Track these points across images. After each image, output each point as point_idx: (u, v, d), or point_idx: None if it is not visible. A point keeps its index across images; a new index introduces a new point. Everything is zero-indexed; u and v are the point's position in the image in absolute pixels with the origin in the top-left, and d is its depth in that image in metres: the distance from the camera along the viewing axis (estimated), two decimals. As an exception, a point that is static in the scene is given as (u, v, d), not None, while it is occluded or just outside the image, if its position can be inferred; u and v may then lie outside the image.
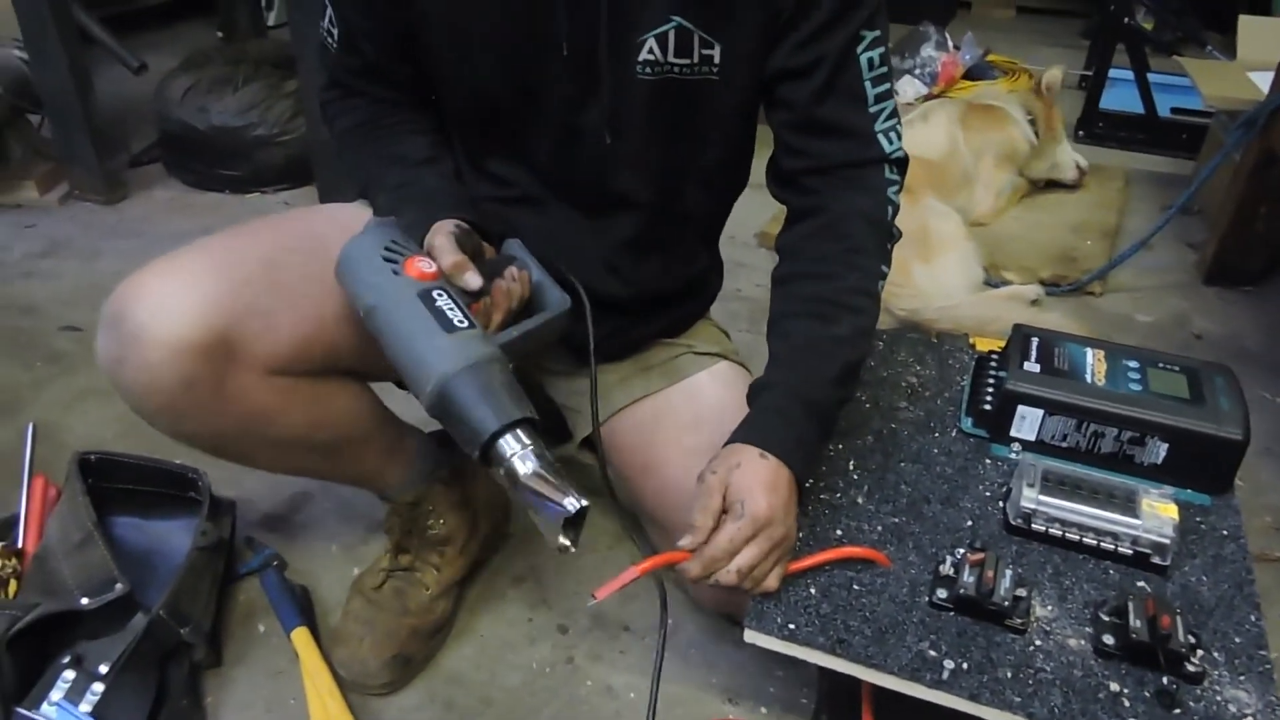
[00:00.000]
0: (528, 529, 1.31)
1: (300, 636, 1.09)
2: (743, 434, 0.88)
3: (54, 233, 2.16)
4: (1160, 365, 1.02)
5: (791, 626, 0.82)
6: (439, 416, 0.77)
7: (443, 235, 0.85)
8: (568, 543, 0.75)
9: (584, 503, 0.73)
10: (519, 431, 0.75)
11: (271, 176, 2.40)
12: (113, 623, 1.01)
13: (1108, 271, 2.04)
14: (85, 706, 0.95)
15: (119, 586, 1.00)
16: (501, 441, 0.74)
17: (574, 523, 0.74)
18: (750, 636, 0.83)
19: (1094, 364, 1.02)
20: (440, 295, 0.80)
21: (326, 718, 1.00)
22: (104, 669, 0.98)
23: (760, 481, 0.83)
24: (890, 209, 0.96)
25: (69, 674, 0.98)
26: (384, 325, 0.79)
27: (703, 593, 1.13)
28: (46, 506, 1.16)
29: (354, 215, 0.99)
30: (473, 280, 0.83)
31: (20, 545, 1.11)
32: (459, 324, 0.78)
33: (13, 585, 1.06)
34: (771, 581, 0.84)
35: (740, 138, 1.03)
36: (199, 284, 0.84)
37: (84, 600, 0.99)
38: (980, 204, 2.31)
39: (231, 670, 1.09)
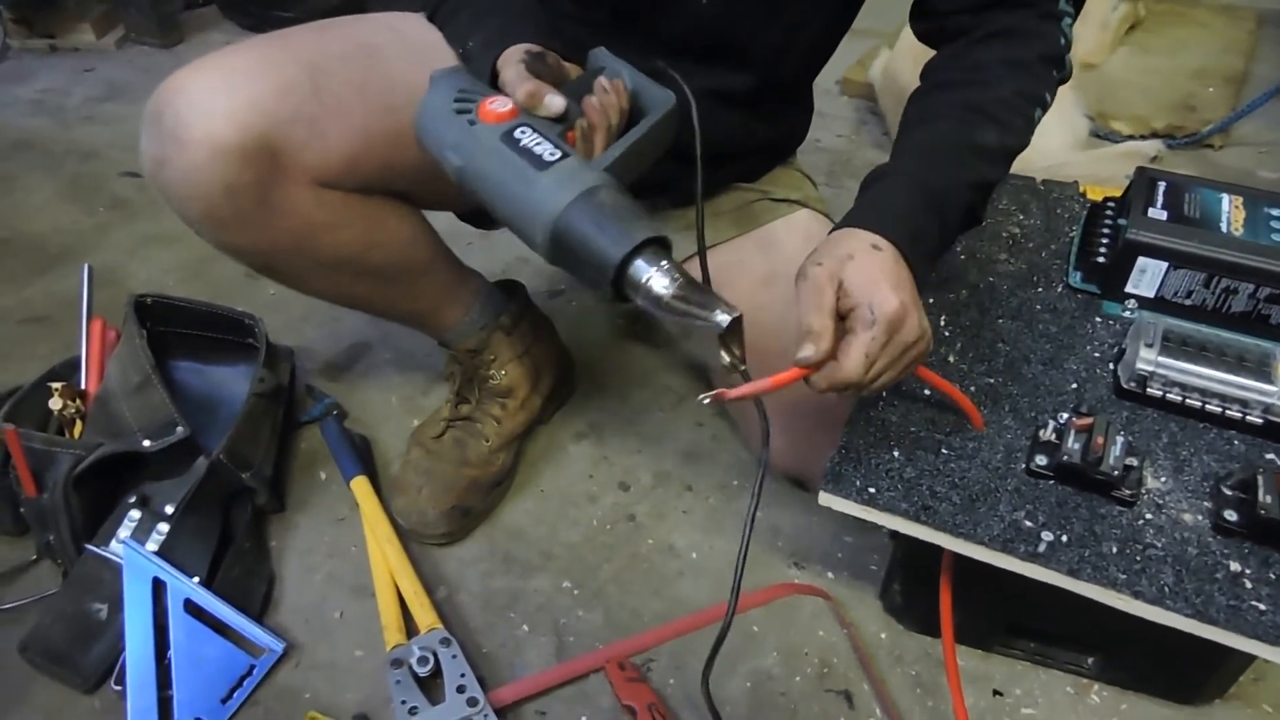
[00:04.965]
0: (591, 384, 1.27)
1: (359, 485, 1.07)
2: (853, 218, 0.75)
3: (112, 77, 2.12)
4: (1310, 214, 0.89)
5: (872, 490, 0.76)
6: (561, 264, 0.70)
7: (511, 66, 0.75)
8: (730, 360, 0.67)
9: (737, 312, 0.65)
10: (648, 253, 0.66)
11: (327, 16, 2.28)
12: (176, 465, 1.01)
13: (1232, 123, 1.84)
14: (151, 545, 0.96)
15: (180, 429, 0.99)
16: (633, 269, 0.66)
17: (732, 336, 0.66)
18: (826, 499, 0.77)
19: (1230, 211, 0.90)
20: (525, 132, 0.70)
21: (386, 566, 0.99)
22: (169, 510, 0.98)
23: (883, 274, 0.69)
24: (1063, 40, 0.82)
25: (135, 513, 0.98)
26: (478, 183, 0.71)
27: (775, 456, 1.07)
28: (106, 349, 1.14)
29: (411, 24, 0.90)
30: (555, 103, 0.73)
31: (83, 387, 1.11)
32: (550, 157, 0.69)
33: (78, 426, 1.06)
34: (877, 389, 0.71)
35: None
36: (239, 85, 0.78)
37: (146, 442, 0.99)
38: (1082, 41, 2.08)
39: (294, 516, 1.08)
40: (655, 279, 0.65)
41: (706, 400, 0.67)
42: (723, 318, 0.64)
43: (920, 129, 0.80)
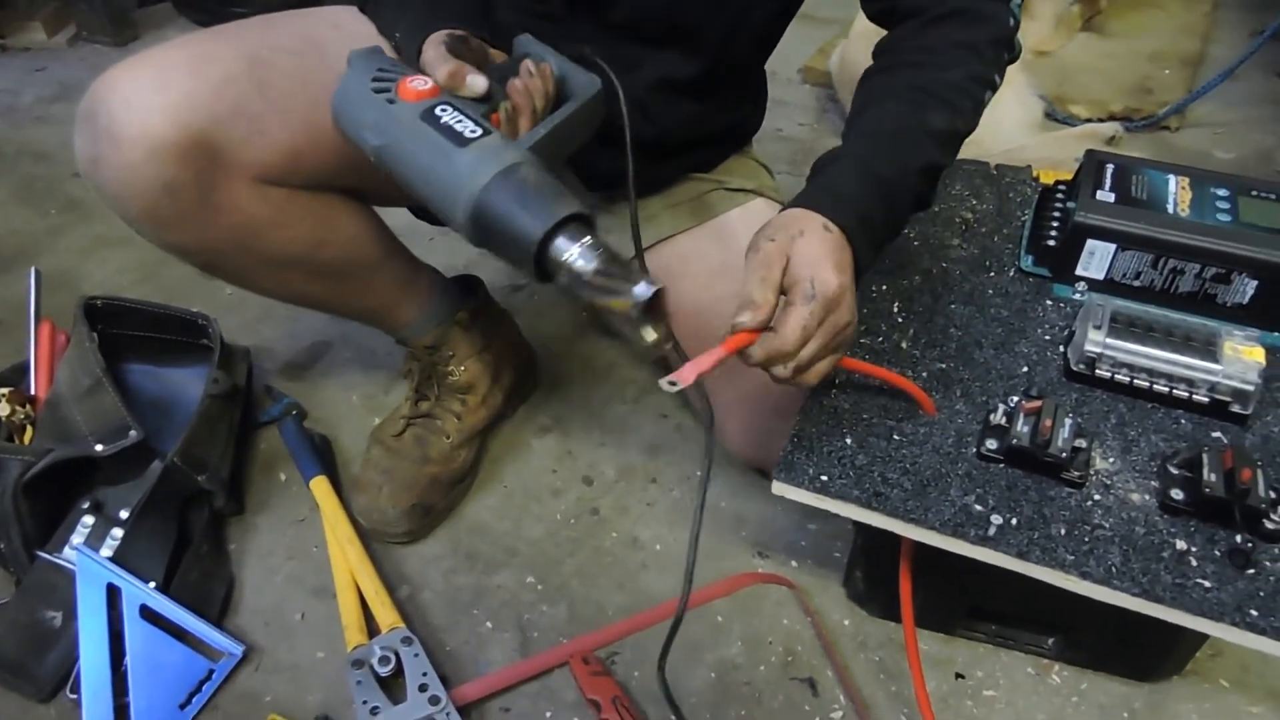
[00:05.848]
0: (554, 378, 1.26)
1: (319, 485, 1.06)
2: (805, 200, 0.74)
3: (64, 76, 2.08)
4: (1254, 193, 0.90)
5: (824, 478, 0.76)
6: (484, 244, 0.68)
7: (433, 47, 0.74)
8: (656, 336, 0.65)
9: (658, 284, 0.63)
10: (570, 229, 0.65)
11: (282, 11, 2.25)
12: (131, 469, 1.00)
13: (1188, 105, 1.86)
14: (105, 551, 0.94)
15: (133, 433, 0.98)
16: (554, 246, 0.64)
17: (653, 313, 0.64)
18: (779, 489, 0.77)
19: (1177, 192, 0.90)
20: (445, 110, 0.69)
21: (346, 566, 0.99)
22: (123, 515, 0.97)
23: (829, 254, 0.69)
24: (1012, 21, 0.83)
25: (89, 519, 0.97)
26: (396, 162, 0.70)
27: (735, 444, 1.08)
28: (56, 352, 1.12)
29: (352, 19, 0.89)
30: (477, 83, 0.72)
31: (32, 392, 1.09)
32: (472, 134, 0.67)
33: (28, 431, 1.04)
34: (813, 376, 0.72)
35: None
36: (174, 81, 0.77)
37: (98, 447, 0.97)
38: (1033, 34, 2.09)
39: (254, 518, 1.07)
40: (576, 257, 0.63)
41: (671, 387, 0.65)
42: (644, 289, 0.62)
43: (872, 111, 0.80)
